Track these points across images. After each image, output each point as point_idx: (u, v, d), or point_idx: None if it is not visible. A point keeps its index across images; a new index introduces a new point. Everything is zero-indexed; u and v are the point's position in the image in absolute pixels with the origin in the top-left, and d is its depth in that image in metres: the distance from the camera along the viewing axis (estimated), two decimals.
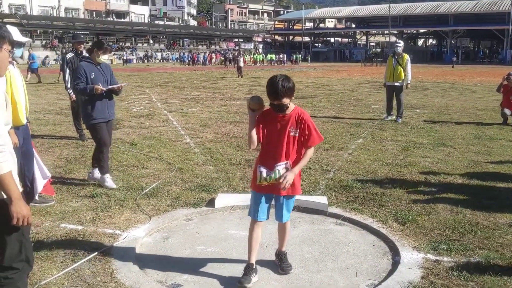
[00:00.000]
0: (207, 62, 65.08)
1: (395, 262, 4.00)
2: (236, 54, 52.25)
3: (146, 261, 4.03)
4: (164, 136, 9.48)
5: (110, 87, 5.82)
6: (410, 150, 8.10)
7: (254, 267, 3.64)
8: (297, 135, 3.52)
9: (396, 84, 11.56)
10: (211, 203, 5.34)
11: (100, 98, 5.77)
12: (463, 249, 4.13)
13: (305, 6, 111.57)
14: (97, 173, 6.00)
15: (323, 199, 5.39)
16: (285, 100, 3.44)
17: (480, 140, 9.03)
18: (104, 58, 5.86)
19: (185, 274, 3.78)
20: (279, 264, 3.89)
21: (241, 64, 32.69)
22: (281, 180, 3.43)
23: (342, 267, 3.97)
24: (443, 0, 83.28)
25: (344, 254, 4.22)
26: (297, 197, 5.46)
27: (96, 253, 4.00)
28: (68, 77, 8.57)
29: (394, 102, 11.73)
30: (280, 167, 3.49)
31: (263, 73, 37.68)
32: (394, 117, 11.69)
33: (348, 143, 8.74)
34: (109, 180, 5.90)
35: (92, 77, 5.71)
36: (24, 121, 4.73)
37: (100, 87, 5.66)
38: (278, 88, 3.36)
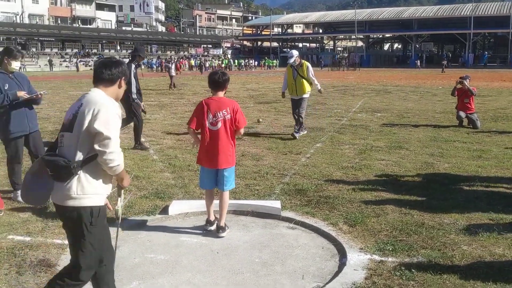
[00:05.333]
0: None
1: (342, 264, 4.09)
2: (168, 59, 42.11)
3: None
4: (123, 143, 9.39)
5: (29, 96, 5.48)
6: (366, 153, 8.27)
7: (213, 220, 4.84)
8: None
9: (300, 97, 9.98)
10: (165, 210, 5.33)
11: (18, 109, 5.43)
12: (407, 249, 4.25)
13: (273, 12, 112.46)
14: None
15: (276, 204, 5.46)
16: None
17: (435, 142, 9.28)
18: (16, 65, 5.46)
19: (133, 282, 3.77)
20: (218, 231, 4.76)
21: (173, 73, 27.73)
22: None
23: (290, 270, 4.03)
24: (407, 6, 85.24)
25: (293, 257, 4.29)
26: (251, 202, 5.59)
27: (42, 264, 3.95)
28: None
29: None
30: None
31: (230, 79, 37.73)
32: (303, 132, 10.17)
33: (307, 147, 8.86)
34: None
35: (5, 88, 5.33)
36: None
37: (23, 92, 5.37)
38: None
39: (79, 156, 2.80)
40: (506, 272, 3.79)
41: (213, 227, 4.82)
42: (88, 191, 2.83)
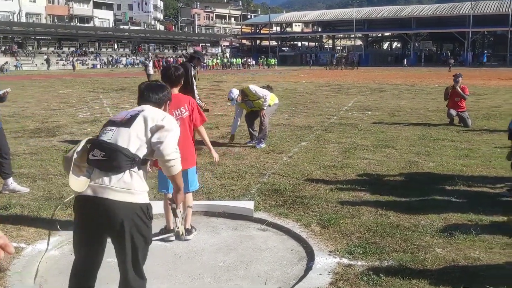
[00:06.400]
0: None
1: (308, 268, 3.88)
2: (146, 57, 35.16)
3: (47, 276, 3.81)
4: None
5: None
6: (350, 152, 8.05)
7: (172, 228, 4.41)
8: None
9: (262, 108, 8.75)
10: None
11: None
12: (378, 253, 4.04)
13: (272, 10, 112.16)
14: (11, 183, 5.70)
15: (249, 204, 5.25)
16: None
17: (423, 141, 9.07)
18: None
19: None
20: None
21: (151, 71, 25.50)
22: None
23: (253, 275, 3.83)
24: (406, 4, 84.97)
25: (259, 261, 4.09)
26: (223, 202, 5.38)
27: None
28: None
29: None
30: None
31: (227, 77, 37.58)
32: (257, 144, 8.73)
33: (291, 146, 8.65)
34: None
35: None
36: None
37: None
38: None
39: (139, 153, 2.75)
40: (480, 277, 3.59)
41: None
42: (144, 188, 2.79)
